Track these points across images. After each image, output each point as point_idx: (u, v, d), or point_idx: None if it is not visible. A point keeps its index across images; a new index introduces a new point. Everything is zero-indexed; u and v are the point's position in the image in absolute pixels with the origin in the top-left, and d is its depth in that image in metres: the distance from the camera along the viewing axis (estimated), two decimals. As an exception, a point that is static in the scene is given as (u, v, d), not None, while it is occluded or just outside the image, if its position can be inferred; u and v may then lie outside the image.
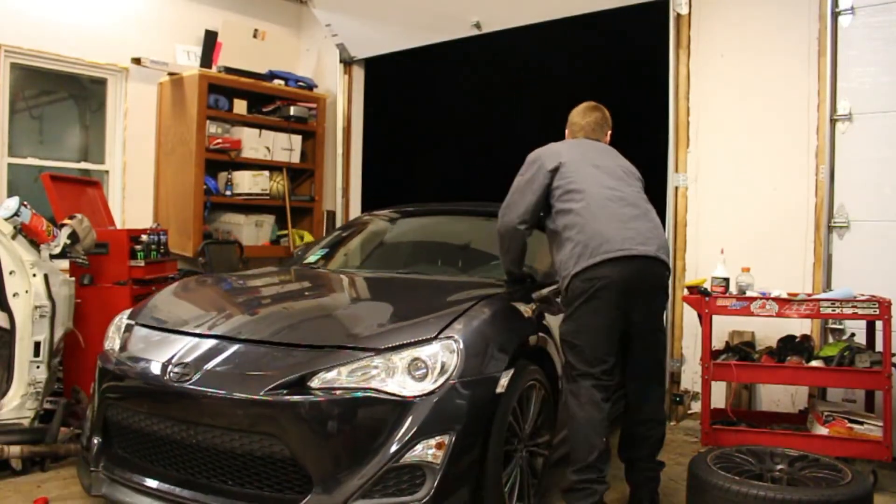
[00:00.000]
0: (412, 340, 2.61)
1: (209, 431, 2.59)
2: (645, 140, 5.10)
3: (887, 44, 3.88)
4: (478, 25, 5.49)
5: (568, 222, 2.94)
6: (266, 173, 5.95)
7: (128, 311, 3.31)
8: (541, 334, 3.07)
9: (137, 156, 5.62)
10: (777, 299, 3.49)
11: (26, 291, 3.56)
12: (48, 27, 5.02)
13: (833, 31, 4.02)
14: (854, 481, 2.65)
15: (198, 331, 2.90)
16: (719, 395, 4.04)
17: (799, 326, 4.04)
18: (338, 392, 2.49)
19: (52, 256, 3.74)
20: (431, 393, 2.50)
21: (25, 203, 3.60)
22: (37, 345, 3.59)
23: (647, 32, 5.23)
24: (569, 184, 2.98)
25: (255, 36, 6.02)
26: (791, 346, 3.70)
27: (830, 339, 3.99)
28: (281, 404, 2.47)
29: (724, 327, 4.26)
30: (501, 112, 7.83)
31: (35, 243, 3.65)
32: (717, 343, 3.98)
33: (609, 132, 3.37)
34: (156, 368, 2.75)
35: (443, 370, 2.55)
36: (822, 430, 3.44)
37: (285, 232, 6.16)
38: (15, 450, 3.34)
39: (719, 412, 3.82)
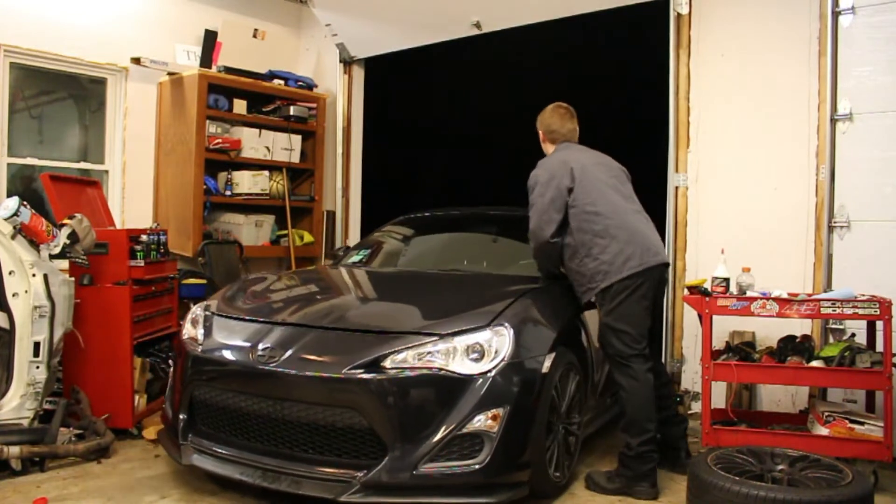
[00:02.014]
0: (469, 327, 3.02)
1: (294, 406, 2.98)
2: (645, 140, 5.10)
3: (888, 43, 3.87)
4: (478, 25, 5.49)
5: (588, 241, 3.38)
6: (266, 173, 5.95)
7: (202, 304, 3.68)
8: (576, 321, 3.54)
9: (137, 156, 5.61)
10: (777, 299, 3.48)
11: (26, 291, 3.56)
12: (48, 27, 5.02)
13: (833, 30, 4.01)
14: (855, 482, 2.65)
15: (277, 319, 3.31)
16: (720, 396, 4.04)
17: (799, 326, 4.03)
18: (408, 371, 2.90)
19: (52, 256, 3.72)
20: (487, 372, 2.91)
21: (25, 203, 3.59)
22: (36, 345, 3.58)
23: (647, 32, 5.22)
24: (586, 205, 3.39)
25: (254, 36, 6.01)
26: (791, 346, 3.69)
27: (831, 340, 3.98)
28: (361, 381, 2.88)
29: (725, 327, 4.25)
30: (501, 111, 7.83)
31: (34, 243, 3.65)
32: (718, 343, 3.97)
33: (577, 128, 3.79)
34: (243, 352, 3.15)
35: (496, 353, 2.95)
36: (823, 431, 3.43)
37: (285, 232, 6.15)
38: (14, 450, 3.33)
39: (720, 412, 3.82)
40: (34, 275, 3.57)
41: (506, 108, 7.80)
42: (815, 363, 3.49)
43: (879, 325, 3.43)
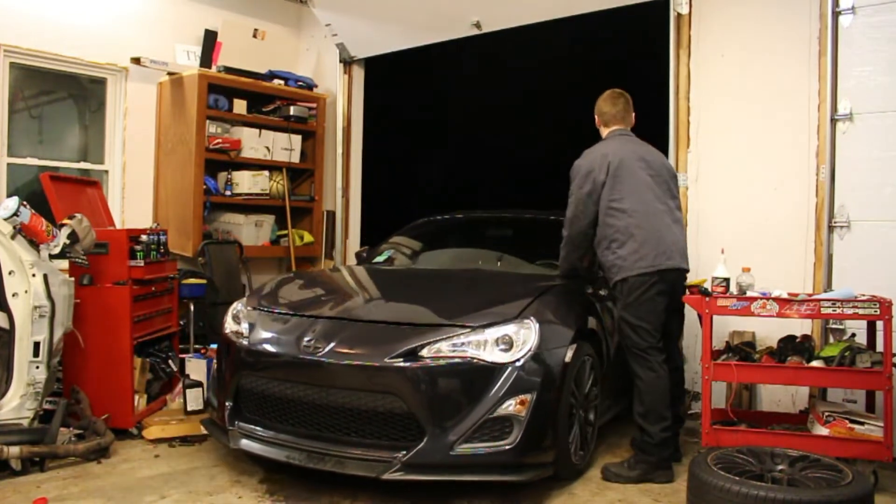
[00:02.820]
0: (498, 320, 3.26)
1: (338, 393, 3.21)
2: (645, 140, 5.08)
3: (888, 43, 3.87)
4: (478, 25, 5.48)
5: (610, 235, 3.54)
6: (266, 173, 5.95)
7: (242, 300, 3.92)
8: (592, 318, 3.69)
9: (137, 156, 5.61)
10: (778, 299, 3.48)
11: (25, 291, 3.56)
12: (48, 27, 5.02)
13: (834, 30, 4.01)
14: (855, 482, 2.64)
15: (318, 313, 3.56)
16: (720, 396, 4.03)
17: (799, 326, 4.03)
18: (444, 360, 3.14)
19: (52, 256, 3.73)
20: (515, 361, 3.15)
21: (25, 203, 3.59)
22: (36, 345, 3.58)
23: (647, 32, 5.22)
24: (613, 201, 3.53)
25: (254, 36, 6.01)
26: (791, 346, 3.69)
27: (831, 340, 3.98)
28: (401, 369, 3.12)
29: (725, 327, 4.25)
30: (501, 111, 7.83)
31: (34, 243, 3.65)
32: (718, 343, 3.97)
33: (633, 114, 3.83)
34: (289, 344, 3.38)
35: (524, 344, 3.19)
36: (823, 431, 3.43)
37: (285, 232, 6.16)
38: (14, 450, 3.33)
39: (720, 412, 3.82)
40: (34, 275, 3.57)
41: (506, 108, 7.81)
42: (815, 363, 3.49)
43: (879, 325, 3.42)
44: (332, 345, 3.26)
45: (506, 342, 3.19)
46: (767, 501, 2.52)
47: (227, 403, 3.51)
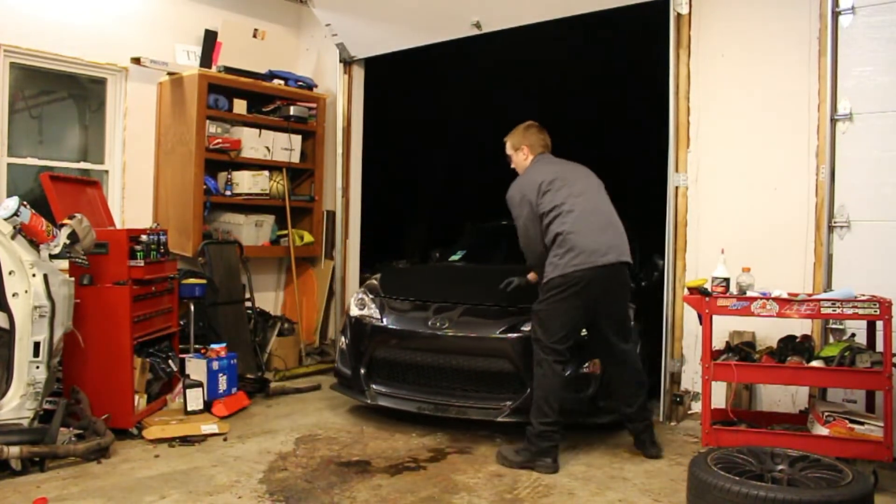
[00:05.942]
0: None
1: (458, 359, 4.15)
2: (644, 140, 5.10)
3: (888, 43, 3.87)
4: (478, 25, 5.48)
5: (553, 240, 3.75)
6: (266, 173, 5.94)
7: (361, 290, 4.80)
8: (632, 305, 4.15)
9: (137, 156, 5.61)
10: (778, 299, 3.48)
11: (26, 291, 3.56)
12: (48, 27, 5.02)
13: (833, 30, 4.01)
14: (855, 482, 2.64)
15: (437, 299, 4.45)
16: (720, 396, 4.03)
17: (799, 326, 4.03)
18: None
19: (52, 256, 3.72)
20: None
21: (25, 203, 3.59)
22: (36, 345, 3.58)
23: (647, 32, 5.22)
24: (552, 210, 3.77)
25: (254, 36, 6.01)
26: (791, 346, 3.69)
27: (831, 340, 3.98)
28: (509, 339, 4.07)
29: (725, 327, 4.25)
30: (500, 110, 7.83)
31: (34, 243, 3.65)
32: (718, 343, 3.97)
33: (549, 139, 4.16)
34: (419, 322, 4.32)
35: None
36: (823, 431, 3.43)
37: (285, 232, 6.16)
38: (14, 450, 3.33)
39: (720, 412, 3.82)
40: (34, 275, 3.57)
41: (505, 106, 7.80)
42: (815, 363, 3.49)
43: (879, 325, 3.43)
44: (454, 322, 4.20)
45: None
46: (767, 501, 2.52)
47: (361, 371, 4.37)
